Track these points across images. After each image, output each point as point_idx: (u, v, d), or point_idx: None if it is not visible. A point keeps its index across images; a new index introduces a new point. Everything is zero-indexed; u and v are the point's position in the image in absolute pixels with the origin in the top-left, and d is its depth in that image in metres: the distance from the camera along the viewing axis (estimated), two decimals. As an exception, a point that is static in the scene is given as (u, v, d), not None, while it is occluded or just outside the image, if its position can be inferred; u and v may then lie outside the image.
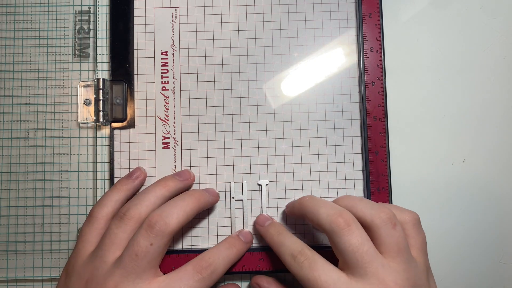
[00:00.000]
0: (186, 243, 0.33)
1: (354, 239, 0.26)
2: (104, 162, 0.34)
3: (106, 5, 0.35)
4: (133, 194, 0.32)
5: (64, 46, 0.35)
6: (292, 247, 0.28)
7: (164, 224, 0.27)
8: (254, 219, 0.33)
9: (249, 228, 0.33)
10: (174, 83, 0.34)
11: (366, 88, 0.33)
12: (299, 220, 0.33)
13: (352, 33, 0.34)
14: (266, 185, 0.33)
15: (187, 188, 0.32)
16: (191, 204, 0.29)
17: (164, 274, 0.28)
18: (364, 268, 0.25)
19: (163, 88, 0.34)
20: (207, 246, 0.33)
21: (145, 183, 0.33)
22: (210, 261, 0.28)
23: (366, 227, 0.27)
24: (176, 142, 0.34)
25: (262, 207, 0.33)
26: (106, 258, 0.27)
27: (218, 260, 0.29)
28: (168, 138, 0.34)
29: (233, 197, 0.33)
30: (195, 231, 0.33)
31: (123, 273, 0.27)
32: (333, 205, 0.28)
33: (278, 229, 0.31)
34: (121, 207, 0.29)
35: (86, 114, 0.34)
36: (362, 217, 0.27)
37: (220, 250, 0.30)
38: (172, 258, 0.31)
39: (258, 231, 0.32)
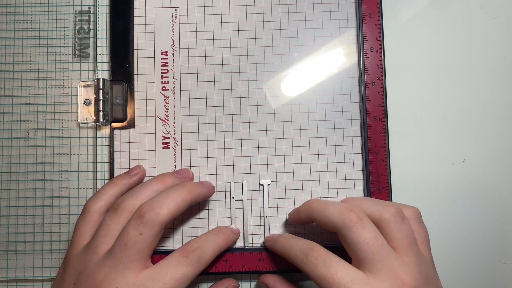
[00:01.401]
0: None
1: (367, 233, 0.26)
2: (104, 162, 0.34)
3: (106, 5, 0.35)
4: (129, 190, 0.31)
5: (64, 46, 0.35)
6: (303, 246, 0.28)
7: (154, 214, 0.27)
8: (254, 219, 0.33)
9: (249, 228, 0.33)
10: (174, 83, 0.34)
11: (366, 88, 0.33)
12: (300, 228, 0.33)
13: (352, 33, 0.34)
14: (268, 185, 0.33)
15: None
16: (183, 195, 0.28)
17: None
18: (381, 263, 0.25)
19: (163, 88, 0.34)
20: (207, 246, 0.33)
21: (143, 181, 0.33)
22: (196, 245, 0.28)
23: (375, 223, 0.27)
24: (176, 142, 0.34)
25: (263, 207, 0.33)
26: (99, 249, 0.27)
27: (205, 244, 0.28)
28: (168, 138, 0.34)
29: (233, 197, 0.33)
30: (194, 231, 0.33)
31: (112, 264, 0.26)
32: (341, 203, 0.28)
33: (286, 235, 0.30)
34: (116, 199, 0.29)
35: (86, 114, 0.34)
36: (370, 214, 0.27)
37: (207, 236, 0.29)
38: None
39: (268, 247, 0.32)
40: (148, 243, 0.27)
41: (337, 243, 0.32)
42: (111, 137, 0.34)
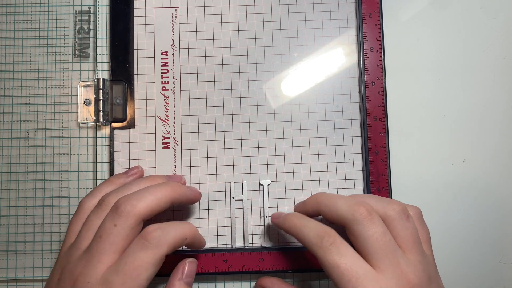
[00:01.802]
0: (186, 243, 0.33)
1: (377, 228, 0.26)
2: (104, 162, 0.34)
3: (106, 5, 0.35)
4: None
5: (64, 46, 0.35)
6: (317, 228, 0.27)
7: (130, 206, 0.26)
8: (254, 219, 0.33)
9: (249, 228, 0.33)
10: (174, 83, 0.34)
11: (366, 88, 0.33)
12: None
13: (352, 33, 0.34)
14: (268, 185, 0.33)
15: None
16: (164, 191, 0.28)
17: None
18: (388, 259, 0.25)
19: (163, 88, 0.34)
20: (207, 246, 0.33)
21: None
22: (157, 226, 0.26)
23: None
24: (176, 142, 0.34)
25: (264, 207, 0.33)
26: (81, 244, 0.27)
27: (168, 226, 0.27)
28: (168, 138, 0.34)
29: (233, 197, 0.33)
30: (195, 231, 0.33)
31: (88, 258, 0.26)
32: (349, 197, 0.28)
33: (298, 215, 0.29)
34: (103, 196, 0.29)
35: (86, 114, 0.34)
36: (339, 214, 0.27)
37: (173, 222, 0.28)
38: (173, 258, 0.31)
39: (276, 224, 0.30)
40: (122, 235, 0.26)
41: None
42: (111, 137, 0.34)
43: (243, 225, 0.33)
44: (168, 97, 0.34)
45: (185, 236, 0.27)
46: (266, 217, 0.33)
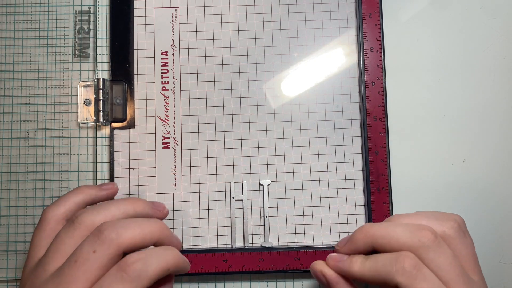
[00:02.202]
0: (186, 243, 0.33)
1: (447, 252, 0.24)
2: (104, 162, 0.34)
3: (106, 5, 0.35)
4: (94, 203, 0.29)
5: (64, 46, 0.35)
6: (392, 255, 0.24)
7: (116, 233, 0.23)
8: (254, 219, 0.33)
9: (249, 228, 0.33)
10: (174, 83, 0.34)
11: (366, 88, 0.33)
12: None
13: (352, 33, 0.34)
14: (268, 185, 0.33)
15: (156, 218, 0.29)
16: (153, 228, 0.25)
17: None
18: (466, 285, 0.23)
19: (163, 88, 0.34)
20: (207, 246, 0.33)
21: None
22: (138, 257, 0.23)
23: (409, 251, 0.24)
24: (176, 142, 0.34)
25: (264, 207, 0.33)
26: (48, 266, 0.24)
27: (150, 257, 0.24)
28: (168, 138, 0.34)
29: (233, 197, 0.33)
30: (195, 231, 0.33)
31: (57, 283, 0.23)
32: (400, 222, 0.25)
33: (361, 256, 0.26)
34: (76, 211, 0.26)
35: (86, 114, 0.34)
36: (402, 243, 0.24)
37: (155, 249, 0.25)
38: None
39: (338, 268, 0.26)
40: (99, 264, 0.23)
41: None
42: (111, 137, 0.34)
43: (243, 225, 0.33)
44: (168, 97, 0.34)
45: (167, 267, 0.24)
46: (266, 217, 0.33)
